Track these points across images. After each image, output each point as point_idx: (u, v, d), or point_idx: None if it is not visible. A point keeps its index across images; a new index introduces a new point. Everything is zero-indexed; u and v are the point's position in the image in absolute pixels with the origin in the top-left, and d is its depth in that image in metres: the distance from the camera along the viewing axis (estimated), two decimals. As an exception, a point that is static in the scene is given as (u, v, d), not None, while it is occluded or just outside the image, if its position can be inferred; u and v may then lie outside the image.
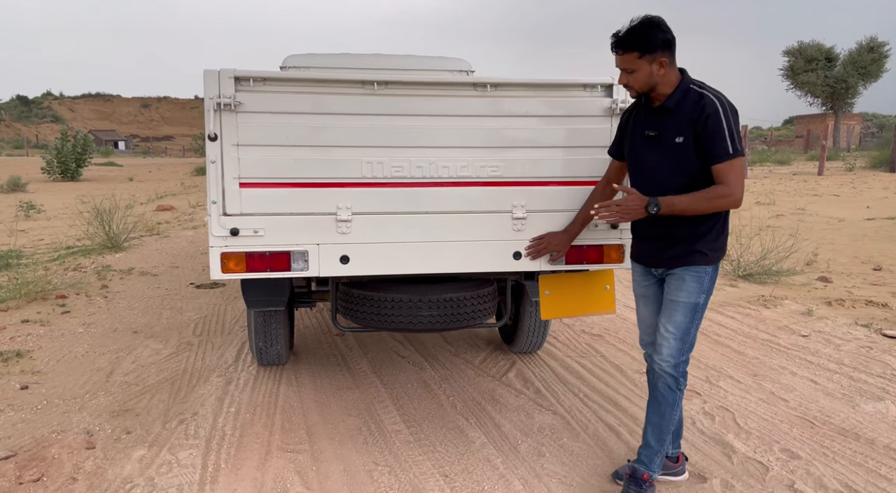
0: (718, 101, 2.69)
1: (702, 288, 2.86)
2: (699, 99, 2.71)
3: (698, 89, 2.76)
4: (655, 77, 2.76)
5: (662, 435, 2.98)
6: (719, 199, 2.70)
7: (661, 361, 2.92)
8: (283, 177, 3.25)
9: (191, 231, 11.40)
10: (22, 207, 13.77)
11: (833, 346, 5.10)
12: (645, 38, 2.71)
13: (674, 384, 2.93)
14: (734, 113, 2.72)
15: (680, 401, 2.97)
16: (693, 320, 2.88)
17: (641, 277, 3.14)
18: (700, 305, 2.87)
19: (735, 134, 2.66)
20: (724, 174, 2.68)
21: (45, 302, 6.31)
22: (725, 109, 2.66)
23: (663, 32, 2.72)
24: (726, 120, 2.65)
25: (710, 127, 2.65)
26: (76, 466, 3.31)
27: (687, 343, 2.90)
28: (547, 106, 3.39)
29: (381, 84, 3.26)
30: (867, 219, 12.32)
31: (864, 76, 41.04)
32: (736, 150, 2.65)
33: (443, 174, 3.36)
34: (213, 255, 3.26)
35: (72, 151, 24.24)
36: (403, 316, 3.61)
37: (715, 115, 2.65)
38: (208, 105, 3.12)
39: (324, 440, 3.60)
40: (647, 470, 2.99)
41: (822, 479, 3.18)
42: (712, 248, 2.86)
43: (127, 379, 4.44)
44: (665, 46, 2.73)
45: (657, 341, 2.95)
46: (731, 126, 2.66)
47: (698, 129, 2.69)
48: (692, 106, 2.72)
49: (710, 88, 2.78)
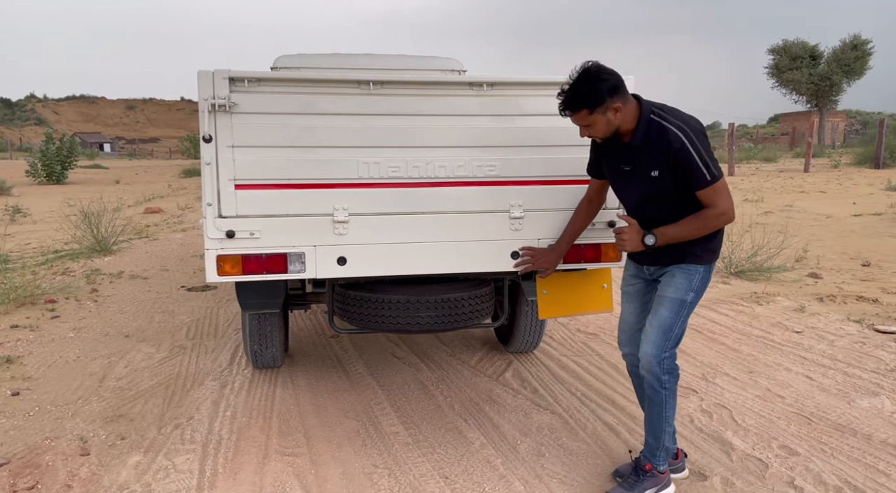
0: (682, 132, 2.66)
1: (690, 286, 2.88)
2: (663, 133, 2.68)
3: (659, 120, 2.72)
4: (614, 123, 2.76)
5: (657, 433, 3.00)
6: (711, 221, 2.74)
7: (643, 356, 2.94)
8: (279, 178, 3.23)
9: (180, 234, 11.31)
10: (7, 211, 13.61)
11: (826, 342, 5.13)
12: (589, 96, 2.69)
13: (657, 384, 2.93)
14: (701, 137, 2.68)
15: (668, 400, 2.95)
16: (678, 316, 2.88)
17: (631, 275, 3.17)
18: (687, 302, 2.88)
19: (708, 159, 2.64)
20: (709, 198, 2.71)
21: (34, 307, 6.23)
22: (691, 139, 2.64)
23: (604, 81, 2.68)
24: (695, 150, 2.63)
25: (681, 161, 2.65)
26: (71, 473, 3.26)
27: (670, 339, 2.89)
28: (543, 104, 3.38)
29: (377, 84, 3.24)
30: (854, 215, 12.42)
31: (848, 74, 41.41)
32: (713, 175, 2.65)
33: (440, 174, 3.35)
34: (208, 257, 3.22)
35: (56, 154, 23.98)
36: (401, 317, 3.58)
37: (682, 148, 2.63)
38: (202, 106, 3.08)
39: (322, 442, 3.57)
40: (649, 462, 3.01)
41: (822, 475, 3.19)
42: (705, 249, 2.89)
43: (120, 384, 4.39)
44: (612, 92, 2.69)
45: (642, 337, 2.97)
46: (701, 154, 2.63)
47: (671, 163, 2.70)
48: (658, 140, 2.70)
49: (672, 116, 2.73)
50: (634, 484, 2.99)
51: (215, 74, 3.07)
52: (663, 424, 2.97)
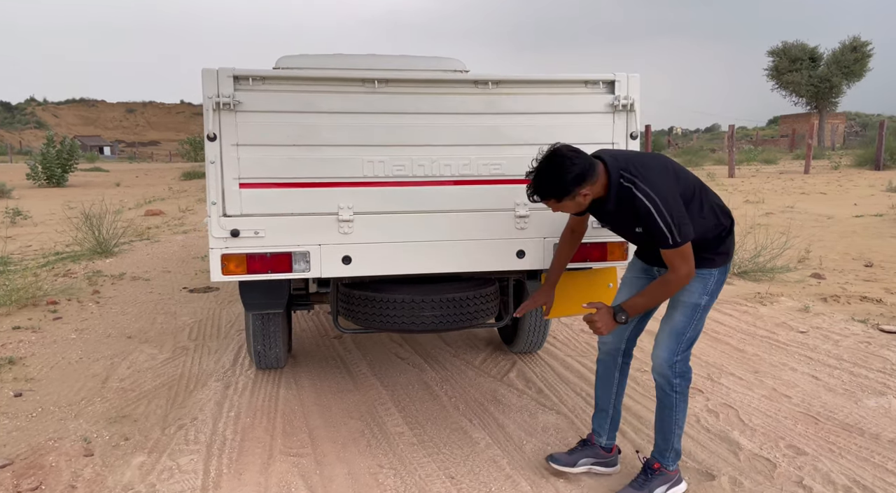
0: (649, 200, 2.62)
1: (705, 289, 2.86)
2: (632, 199, 2.65)
3: (628, 185, 2.66)
4: (584, 203, 2.73)
5: (666, 435, 2.98)
6: (671, 285, 2.74)
7: (655, 359, 2.93)
8: (284, 177, 3.22)
9: (181, 236, 11.29)
10: (8, 214, 13.59)
11: (832, 342, 5.11)
12: (555, 189, 2.67)
13: (668, 387, 2.92)
14: (667, 201, 2.62)
15: (678, 403, 2.94)
16: (692, 321, 2.86)
17: (640, 269, 3.13)
18: (701, 306, 2.86)
19: (672, 226, 2.60)
20: (670, 259, 2.69)
21: (35, 308, 6.21)
22: (657, 206, 2.60)
23: (569, 172, 2.61)
24: (661, 217, 2.60)
25: (648, 226, 2.64)
26: (75, 474, 3.24)
27: (682, 344, 2.88)
28: (548, 103, 3.38)
29: (382, 82, 3.23)
30: (855, 216, 12.40)
31: (847, 76, 41.45)
32: (675, 241, 2.62)
33: (445, 173, 3.34)
34: (213, 256, 3.21)
35: (57, 157, 23.96)
36: (405, 317, 3.57)
37: (648, 215, 2.61)
38: (207, 105, 3.07)
39: (326, 443, 3.55)
40: (658, 462, 3.00)
41: (830, 475, 3.17)
42: (717, 252, 2.86)
43: (123, 385, 4.37)
44: (579, 182, 2.64)
45: (655, 341, 2.96)
46: (666, 221, 2.60)
47: (641, 224, 2.69)
48: (629, 204, 2.67)
49: (641, 179, 2.65)
50: (644, 484, 2.97)
51: (220, 72, 3.06)
52: (673, 427, 2.95)
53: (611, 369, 3.18)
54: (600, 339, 3.20)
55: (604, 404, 3.22)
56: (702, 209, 2.80)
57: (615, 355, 3.17)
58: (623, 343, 3.15)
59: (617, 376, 3.19)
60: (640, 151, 2.91)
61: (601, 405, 3.23)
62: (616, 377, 3.19)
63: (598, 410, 3.24)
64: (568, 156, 2.64)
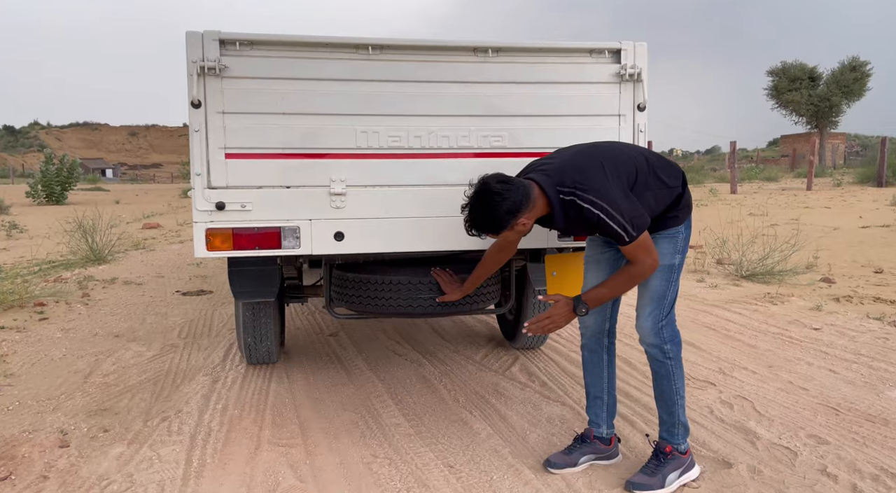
0: (595, 206, 2.50)
1: (676, 248, 2.76)
2: (579, 211, 2.53)
3: (572, 199, 2.53)
4: (527, 229, 2.63)
5: (669, 407, 2.83)
6: (636, 278, 2.65)
7: (641, 330, 2.80)
8: (272, 147, 3.05)
9: (177, 245, 11.13)
10: (3, 227, 13.45)
11: (847, 338, 4.90)
12: (489, 226, 2.57)
13: (660, 354, 2.78)
14: (613, 202, 2.50)
15: (675, 369, 2.80)
16: (669, 282, 2.76)
17: (601, 243, 2.96)
18: (675, 266, 2.76)
19: (625, 224, 2.49)
20: (631, 253, 2.59)
21: (22, 310, 6.02)
22: (605, 210, 2.49)
23: (500, 208, 2.49)
24: (612, 219, 2.49)
25: (602, 230, 2.53)
26: (48, 464, 3.04)
27: (664, 308, 2.76)
28: (551, 72, 3.22)
29: (377, 48, 3.08)
30: (862, 227, 12.23)
31: (847, 95, 41.50)
32: (631, 236, 2.51)
33: (443, 145, 3.17)
34: (197, 231, 3.04)
35: (56, 175, 23.85)
36: (402, 299, 3.38)
37: (599, 221, 2.50)
38: (190, 69, 2.92)
39: (317, 433, 3.35)
40: (668, 442, 2.82)
41: (855, 463, 2.96)
42: (679, 208, 2.76)
43: (106, 380, 4.17)
44: (512, 215, 2.51)
45: (637, 311, 2.82)
46: (618, 221, 2.49)
47: (595, 230, 2.59)
48: (577, 217, 2.55)
49: (580, 189, 2.52)
50: (656, 469, 2.76)
51: (205, 35, 2.92)
52: (675, 396, 2.79)
53: (597, 352, 3.03)
54: (582, 324, 3.05)
55: (597, 390, 3.05)
56: (650, 185, 2.67)
57: (599, 336, 3.03)
58: (606, 322, 3.01)
59: (605, 357, 3.04)
60: (571, 150, 2.74)
61: (594, 393, 3.06)
62: (605, 359, 3.04)
63: (592, 398, 3.06)
64: (496, 191, 2.50)
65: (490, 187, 2.51)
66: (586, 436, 3.00)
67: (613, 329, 3.03)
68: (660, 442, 2.85)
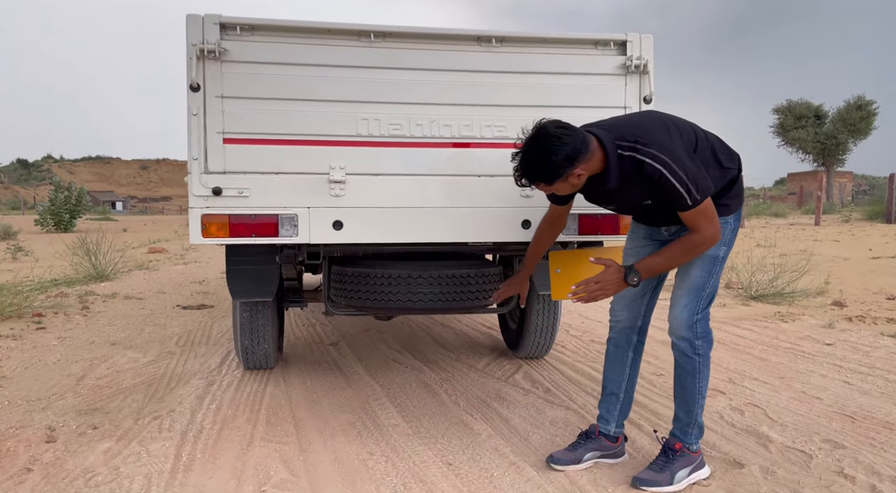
0: (658, 161, 2.33)
1: (723, 239, 2.59)
2: (639, 167, 2.36)
3: (629, 154, 2.38)
4: (578, 184, 2.46)
5: (689, 407, 2.67)
6: (697, 248, 2.46)
7: (674, 320, 2.64)
8: (271, 133, 3.01)
9: (181, 266, 11.08)
10: (10, 250, 13.44)
11: (861, 353, 4.76)
12: (543, 173, 2.39)
13: (690, 349, 2.63)
14: (678, 159, 2.34)
15: (702, 368, 2.65)
16: (711, 274, 2.60)
17: (642, 237, 2.84)
18: (720, 258, 2.61)
19: (689, 184, 2.32)
20: (692, 220, 2.41)
21: (20, 320, 5.95)
22: (669, 165, 2.32)
23: (559, 152, 2.32)
24: (675, 177, 2.32)
25: (663, 190, 2.36)
26: (32, 458, 2.93)
27: (702, 300, 2.61)
28: (556, 63, 3.18)
29: (379, 35, 3.05)
30: (872, 258, 12.10)
31: (853, 133, 41.57)
32: (695, 199, 2.34)
33: (444, 134, 3.12)
34: (192, 217, 2.97)
35: (65, 203, 23.98)
36: (402, 294, 3.29)
37: (661, 178, 2.33)
38: (190, 52, 2.89)
39: (312, 432, 3.23)
40: (680, 440, 2.67)
41: (874, 466, 2.82)
42: (730, 196, 2.60)
43: (99, 383, 4.07)
44: (571, 161, 2.34)
45: (672, 301, 2.66)
46: (682, 179, 2.32)
47: (656, 191, 2.40)
48: (636, 175, 2.39)
49: (641, 143, 2.37)
50: (665, 466, 2.63)
51: (205, 19, 2.90)
52: (696, 396, 2.64)
53: (623, 348, 2.88)
54: (613, 316, 2.91)
55: (614, 387, 2.90)
56: (707, 160, 2.52)
57: (629, 332, 2.87)
58: (639, 319, 2.86)
59: (630, 355, 2.89)
60: (628, 114, 2.64)
61: (611, 389, 2.91)
62: (630, 357, 2.89)
63: (607, 394, 2.91)
64: (555, 134, 2.34)
65: (548, 131, 2.35)
66: (591, 432, 2.87)
67: (646, 327, 2.89)
68: (669, 439, 2.72)
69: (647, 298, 2.84)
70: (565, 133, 2.35)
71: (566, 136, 2.34)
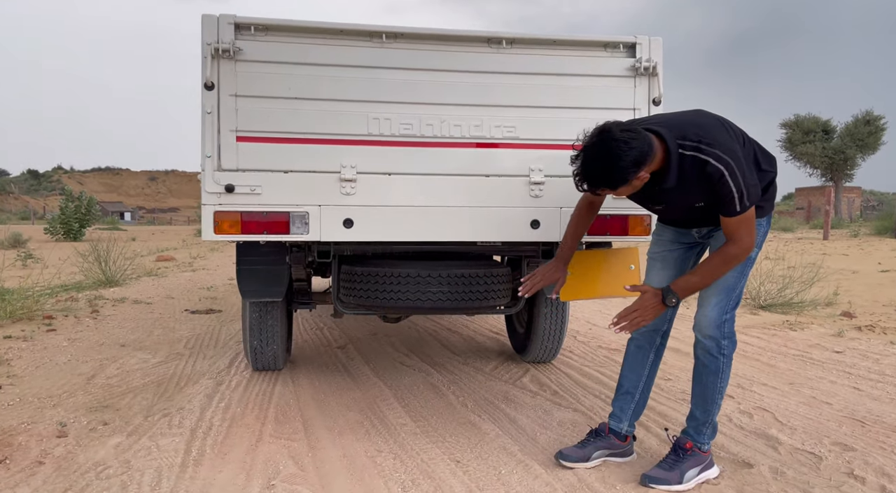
0: (721, 162, 2.31)
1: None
2: (702, 167, 2.33)
3: (691, 154, 2.35)
4: (640, 185, 2.41)
5: (707, 406, 2.66)
6: (733, 260, 2.45)
7: (702, 320, 2.62)
8: (284, 131, 3.04)
9: (189, 273, 11.13)
10: (19, 257, 13.53)
11: (871, 360, 4.75)
12: (609, 179, 2.33)
13: (715, 349, 2.61)
14: (739, 161, 2.34)
15: (725, 368, 2.63)
16: (742, 275, 2.59)
17: (669, 240, 2.84)
18: (751, 259, 2.60)
19: (743, 190, 2.31)
20: (734, 227, 2.40)
21: (30, 322, 5.99)
22: (731, 167, 2.31)
23: (626, 157, 2.26)
24: (734, 180, 2.31)
25: (719, 193, 2.35)
26: (44, 451, 2.95)
27: (731, 300, 2.60)
28: (565, 64, 3.22)
29: (391, 36, 3.09)
30: (881, 271, 12.04)
31: (862, 148, 41.47)
32: (744, 207, 2.34)
33: (454, 133, 3.15)
34: (205, 213, 3.00)
35: (75, 212, 24.12)
36: (411, 293, 3.31)
37: (721, 180, 2.31)
38: (205, 51, 2.93)
39: (321, 430, 3.24)
40: (692, 439, 2.66)
41: (884, 468, 2.81)
42: (765, 199, 2.59)
43: (109, 382, 4.09)
44: (636, 167, 2.29)
45: (700, 301, 2.65)
46: (738, 184, 2.31)
47: (711, 194, 2.38)
48: (696, 175, 2.36)
49: (705, 143, 2.35)
50: (675, 464, 2.63)
51: (220, 19, 2.94)
52: (716, 396, 2.64)
53: (645, 349, 2.87)
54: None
55: (630, 386, 2.89)
56: (751, 161, 2.50)
57: (653, 335, 2.86)
58: (665, 323, 2.86)
59: (651, 357, 2.88)
60: (681, 112, 2.61)
61: (627, 387, 2.89)
62: (651, 359, 2.88)
63: (623, 392, 2.90)
64: (622, 138, 2.26)
65: (614, 134, 2.28)
66: (601, 430, 2.86)
67: (669, 330, 2.89)
68: (680, 438, 2.71)
69: None
70: (632, 136, 2.29)
71: (633, 139, 2.28)
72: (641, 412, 2.94)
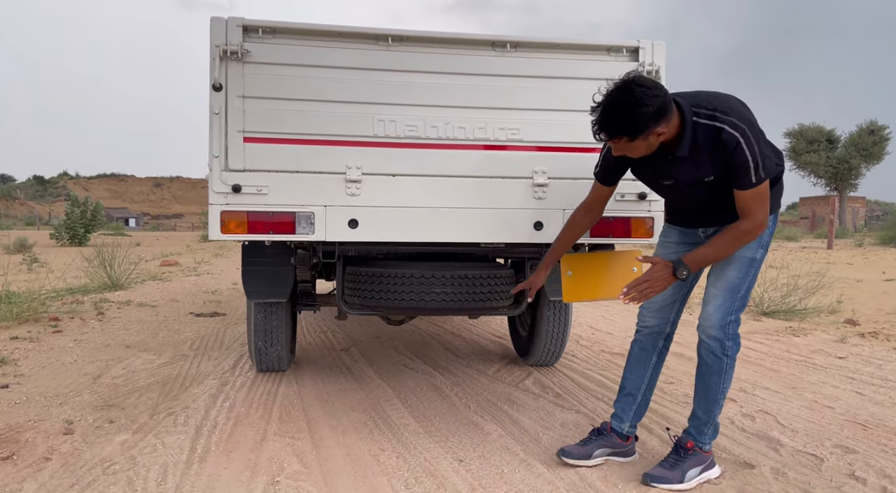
0: (736, 128, 2.31)
1: (760, 241, 2.59)
2: (716, 134, 2.33)
3: (707, 122, 2.36)
4: (655, 144, 2.40)
5: (709, 406, 2.67)
6: (746, 236, 2.45)
7: (706, 320, 2.63)
8: (290, 132, 3.08)
9: (194, 277, 11.17)
10: (25, 261, 13.59)
11: (874, 366, 4.75)
12: (628, 126, 2.31)
13: (719, 349, 2.62)
14: (754, 128, 2.36)
15: (728, 369, 2.65)
16: (747, 276, 2.60)
17: (675, 242, 2.86)
18: (756, 260, 2.61)
19: (759, 160, 2.32)
20: (748, 201, 2.40)
21: (37, 323, 6.03)
22: (746, 135, 2.31)
23: (649, 104, 2.26)
24: (749, 148, 2.30)
25: (736, 163, 2.34)
26: (51, 448, 2.98)
27: (737, 302, 2.60)
28: (569, 68, 3.25)
29: (397, 39, 3.13)
30: (886, 280, 12.03)
31: (866, 158, 41.43)
32: (759, 178, 2.34)
33: (459, 135, 3.18)
34: (212, 213, 3.04)
35: (81, 217, 24.22)
36: (415, 293, 3.33)
37: (736, 147, 2.31)
38: (213, 53, 2.98)
39: (325, 429, 3.26)
40: (694, 439, 2.67)
41: (885, 470, 2.82)
42: (773, 194, 2.55)
43: (115, 382, 4.12)
44: (658, 117, 2.29)
45: (704, 301, 2.67)
46: (754, 153, 2.31)
47: (725, 164, 2.39)
48: (710, 143, 2.36)
49: (720, 112, 2.36)
50: (676, 464, 2.64)
51: (229, 22, 2.99)
52: (718, 396, 2.65)
53: (648, 351, 2.89)
54: (641, 321, 2.92)
55: (632, 388, 2.90)
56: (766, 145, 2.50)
57: (656, 338, 2.88)
58: (668, 326, 2.87)
59: (654, 359, 2.90)
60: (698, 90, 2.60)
61: (629, 389, 2.91)
62: (653, 361, 2.90)
63: (625, 394, 2.91)
64: (646, 85, 2.28)
65: (639, 81, 2.28)
66: (603, 429, 2.88)
67: (672, 334, 2.90)
68: (682, 437, 2.73)
69: (676, 305, 2.85)
70: (656, 85, 2.31)
71: (656, 88, 2.30)
72: (643, 413, 2.95)
